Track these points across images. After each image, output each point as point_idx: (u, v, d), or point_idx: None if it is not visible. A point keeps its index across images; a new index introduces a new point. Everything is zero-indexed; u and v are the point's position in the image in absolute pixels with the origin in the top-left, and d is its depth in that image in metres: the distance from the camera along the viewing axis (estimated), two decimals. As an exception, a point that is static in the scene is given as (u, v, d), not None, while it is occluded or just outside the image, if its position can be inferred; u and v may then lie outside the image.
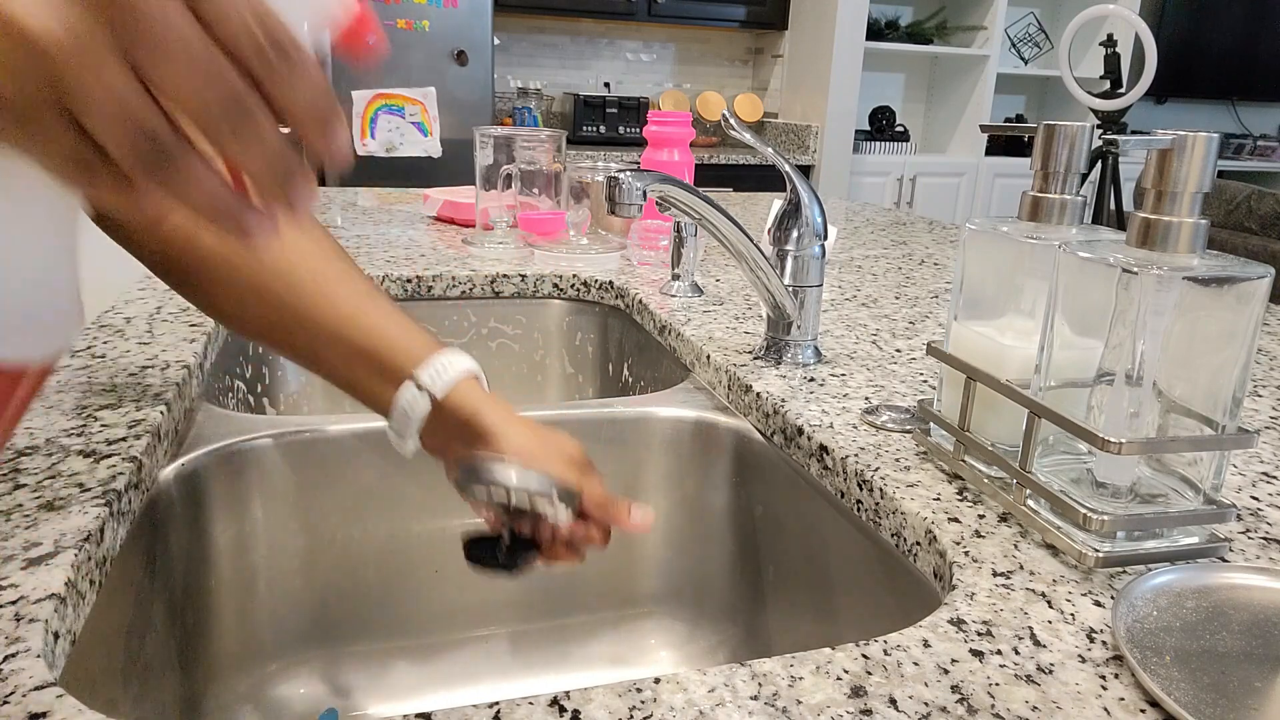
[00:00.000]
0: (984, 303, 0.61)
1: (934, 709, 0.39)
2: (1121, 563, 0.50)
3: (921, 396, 0.76)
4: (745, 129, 0.76)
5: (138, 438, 0.62)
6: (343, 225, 1.44)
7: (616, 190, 0.64)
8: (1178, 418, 0.50)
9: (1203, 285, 0.47)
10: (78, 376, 0.73)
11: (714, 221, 0.74)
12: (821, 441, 0.67)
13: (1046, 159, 0.57)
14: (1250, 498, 0.60)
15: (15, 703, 0.38)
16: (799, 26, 3.66)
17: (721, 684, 0.41)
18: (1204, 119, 4.68)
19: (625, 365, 1.14)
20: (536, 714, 0.38)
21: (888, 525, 0.59)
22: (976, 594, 0.48)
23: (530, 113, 3.50)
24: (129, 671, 0.55)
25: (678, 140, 1.28)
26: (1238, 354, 0.48)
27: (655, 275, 1.18)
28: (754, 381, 0.79)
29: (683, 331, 0.94)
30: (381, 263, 1.17)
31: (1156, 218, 0.48)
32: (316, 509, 0.76)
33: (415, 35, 2.87)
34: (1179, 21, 4.27)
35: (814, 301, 0.83)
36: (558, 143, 1.30)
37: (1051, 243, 0.55)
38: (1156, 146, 0.48)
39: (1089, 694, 0.40)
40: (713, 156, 3.36)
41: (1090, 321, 0.51)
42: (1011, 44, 4.04)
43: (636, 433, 0.84)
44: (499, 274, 1.15)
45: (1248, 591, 0.47)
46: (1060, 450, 0.54)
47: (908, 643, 0.44)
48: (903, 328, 0.98)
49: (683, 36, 3.84)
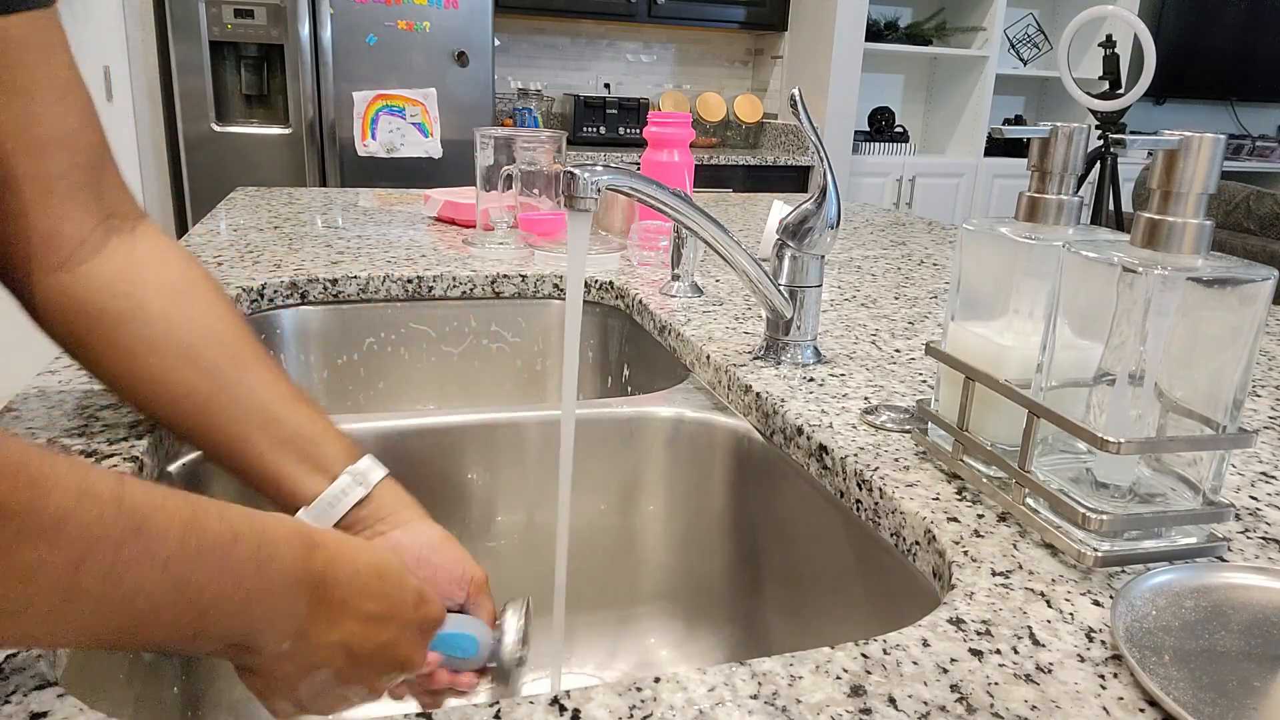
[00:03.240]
0: (981, 303, 0.61)
1: (933, 708, 0.39)
2: (1120, 562, 0.50)
3: (920, 396, 0.76)
4: (806, 116, 0.75)
5: (139, 437, 0.62)
6: (344, 225, 1.45)
7: (572, 184, 0.64)
8: (1177, 418, 0.50)
9: (1206, 286, 0.48)
10: (79, 377, 0.73)
11: (682, 212, 0.73)
12: (821, 441, 0.67)
13: (1043, 159, 0.57)
14: (1249, 498, 0.61)
15: (17, 702, 0.38)
16: (799, 28, 3.66)
17: (721, 683, 0.41)
18: (1203, 119, 4.68)
19: (625, 365, 1.14)
20: (537, 713, 0.38)
21: (887, 525, 0.59)
22: (975, 593, 0.48)
23: (531, 114, 3.51)
24: (130, 672, 0.55)
25: (677, 141, 1.28)
26: (1239, 355, 0.49)
27: (655, 275, 1.18)
28: (753, 381, 0.79)
29: (682, 332, 0.94)
30: (382, 263, 1.17)
31: (1161, 218, 0.48)
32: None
33: (416, 36, 2.87)
34: (1178, 22, 4.27)
35: (813, 302, 0.83)
36: (558, 143, 1.30)
37: (1049, 243, 0.55)
38: (1162, 147, 0.48)
39: (1088, 693, 0.41)
40: (712, 157, 3.36)
41: (1090, 321, 0.51)
42: (1010, 45, 4.04)
43: (636, 433, 0.84)
44: (499, 274, 1.15)
45: (1246, 591, 0.48)
46: (1059, 450, 0.54)
47: (907, 642, 0.44)
48: (902, 328, 0.98)
49: (683, 37, 3.84)
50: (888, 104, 4.08)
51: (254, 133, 2.84)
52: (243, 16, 2.73)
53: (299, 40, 2.75)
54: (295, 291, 1.07)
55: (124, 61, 2.84)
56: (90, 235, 0.56)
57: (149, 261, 0.58)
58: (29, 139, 0.53)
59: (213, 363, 0.57)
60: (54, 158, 0.54)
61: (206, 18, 2.70)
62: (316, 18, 2.76)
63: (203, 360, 0.57)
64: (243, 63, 2.82)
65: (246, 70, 2.82)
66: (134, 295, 0.57)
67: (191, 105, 2.76)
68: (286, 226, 1.42)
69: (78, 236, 0.56)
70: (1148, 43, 1.15)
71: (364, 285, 1.11)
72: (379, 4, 2.81)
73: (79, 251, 0.56)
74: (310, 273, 1.10)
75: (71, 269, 0.56)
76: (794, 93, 0.77)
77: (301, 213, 1.56)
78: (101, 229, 0.57)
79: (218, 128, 2.81)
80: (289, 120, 2.84)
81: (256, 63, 2.82)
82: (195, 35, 2.71)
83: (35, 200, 0.54)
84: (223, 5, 2.71)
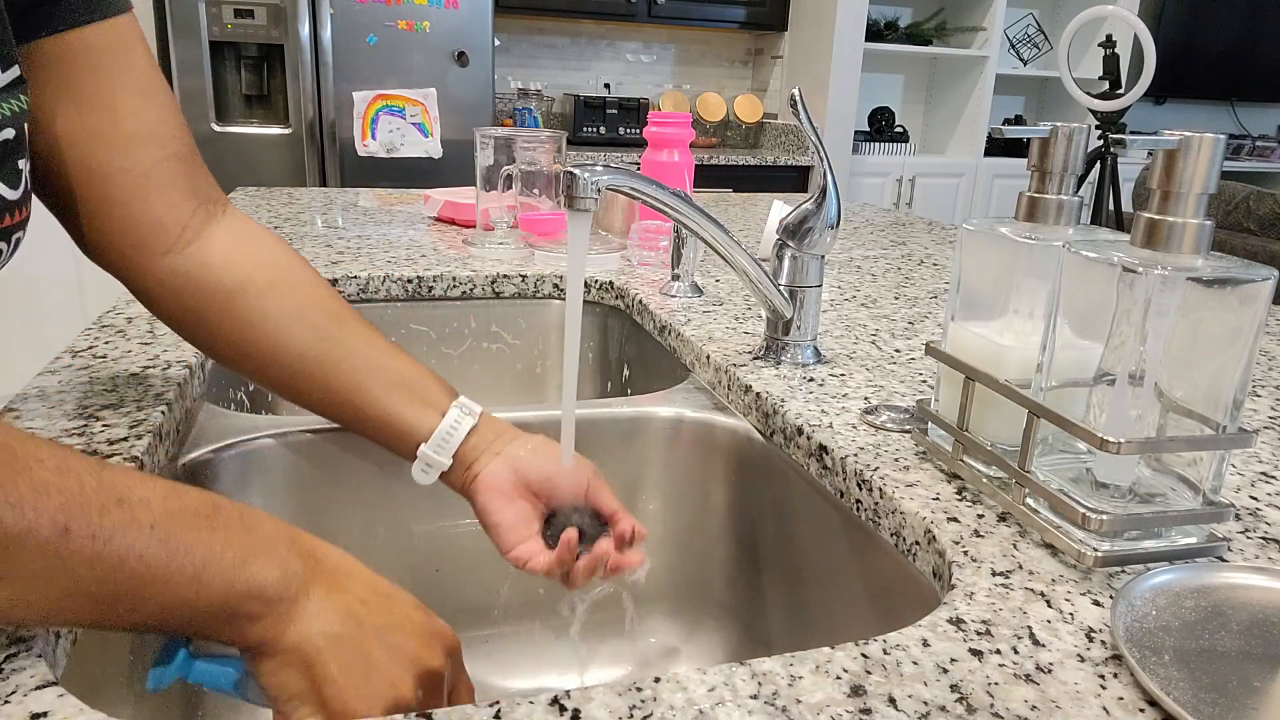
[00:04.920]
0: (981, 303, 0.61)
1: (933, 708, 0.39)
2: (1120, 562, 0.50)
3: (920, 396, 0.76)
4: (806, 116, 0.75)
5: (139, 438, 0.62)
6: (344, 226, 1.44)
7: (572, 184, 0.64)
8: (1177, 418, 0.50)
9: (1206, 286, 0.48)
10: (79, 377, 0.73)
11: (682, 212, 0.73)
12: (821, 441, 0.67)
13: (1043, 159, 0.57)
14: (1249, 497, 0.61)
15: (17, 702, 0.38)
16: (799, 28, 3.66)
17: (721, 683, 0.41)
18: (1203, 120, 4.68)
19: (625, 365, 1.14)
20: (537, 713, 0.38)
21: (887, 525, 0.59)
22: (975, 593, 0.48)
23: (531, 114, 3.50)
24: (130, 672, 0.55)
25: (677, 141, 1.28)
26: (1239, 355, 0.49)
27: (655, 275, 1.18)
28: (753, 381, 0.79)
29: (682, 332, 0.94)
30: (382, 263, 1.17)
31: (1161, 218, 0.48)
32: (317, 509, 0.76)
33: (416, 36, 2.87)
34: (1178, 22, 4.27)
35: (813, 302, 0.83)
36: (558, 143, 1.30)
37: (1049, 243, 0.55)
38: (1162, 147, 0.48)
39: (1088, 693, 0.41)
40: (713, 157, 3.36)
41: (1090, 321, 0.51)
42: (1010, 45, 4.04)
43: (636, 433, 0.84)
44: (499, 274, 1.15)
45: (1246, 591, 0.48)
46: (1059, 450, 0.54)
47: (907, 642, 0.44)
48: (902, 328, 0.98)
49: (683, 37, 3.84)
50: (888, 104, 4.08)
51: (254, 133, 2.84)
52: (243, 16, 2.73)
53: (299, 40, 2.75)
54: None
55: (124, 61, 2.84)
56: (191, 219, 0.61)
57: (247, 240, 0.64)
58: (119, 135, 0.57)
59: (319, 324, 0.63)
60: (145, 151, 0.58)
61: (206, 18, 2.70)
62: (316, 18, 2.76)
63: (310, 323, 0.63)
64: (243, 63, 2.82)
65: (246, 70, 2.82)
66: (241, 270, 0.62)
67: (191, 105, 2.76)
68: (286, 226, 1.42)
69: (181, 221, 0.60)
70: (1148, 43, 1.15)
71: (364, 285, 1.11)
72: (379, 4, 2.81)
73: (185, 234, 0.61)
74: (310, 273, 1.10)
75: (181, 250, 0.61)
76: (794, 93, 0.77)
77: (301, 213, 1.56)
78: (201, 213, 0.62)
79: (218, 128, 2.80)
80: (289, 120, 2.84)
81: (256, 63, 2.82)
82: (195, 35, 2.71)
83: (135, 191, 0.58)
84: (223, 5, 2.70)
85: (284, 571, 0.43)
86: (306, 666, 0.44)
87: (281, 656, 0.44)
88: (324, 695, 0.44)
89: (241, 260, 0.62)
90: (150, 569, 0.39)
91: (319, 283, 0.65)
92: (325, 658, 0.44)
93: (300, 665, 0.44)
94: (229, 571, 0.41)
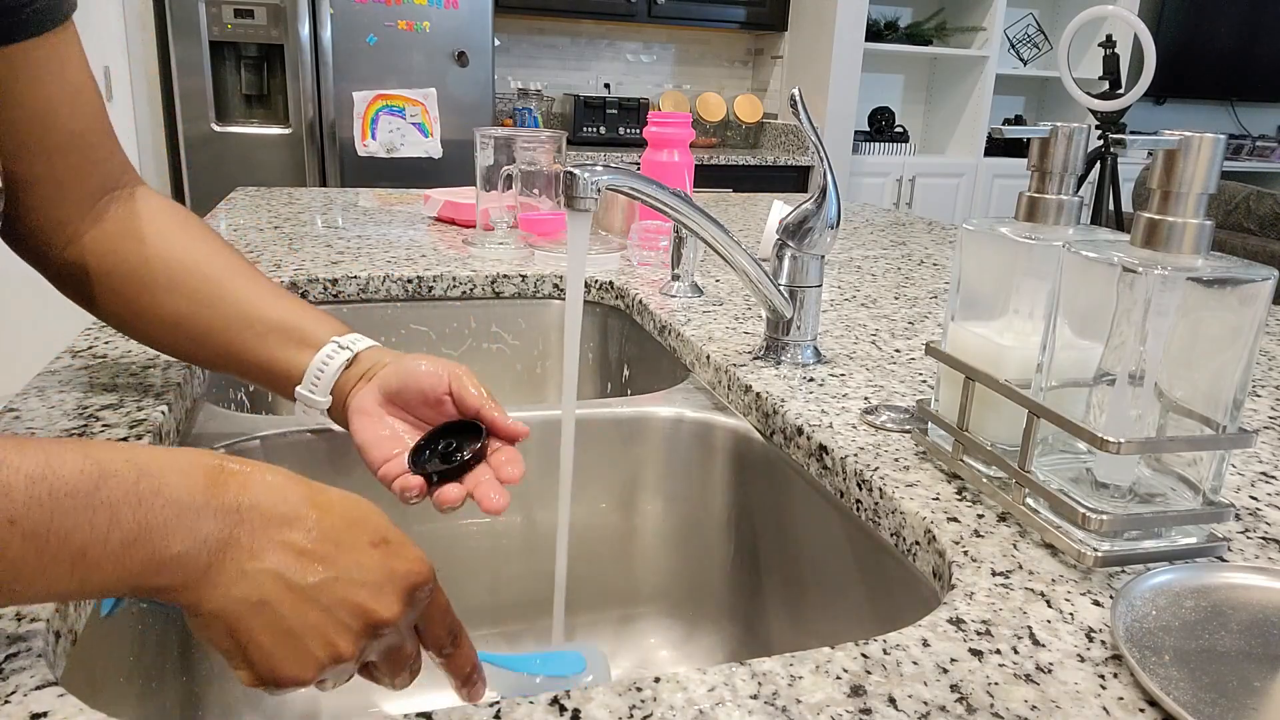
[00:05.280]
0: (981, 303, 0.61)
1: (933, 708, 0.39)
2: (1120, 562, 0.50)
3: (920, 396, 0.76)
4: (806, 116, 0.76)
5: (139, 437, 0.62)
6: (344, 226, 1.45)
7: (572, 184, 0.64)
8: (1177, 418, 0.50)
9: (1206, 286, 0.48)
10: (79, 376, 0.73)
11: (682, 212, 0.73)
12: (821, 441, 0.67)
13: (1043, 159, 0.57)
14: (1249, 497, 0.61)
15: (17, 702, 0.38)
16: (799, 28, 3.66)
17: (721, 683, 0.41)
18: (1203, 119, 4.68)
19: (625, 365, 1.14)
20: (537, 713, 0.38)
21: (887, 525, 0.59)
22: (975, 593, 0.48)
23: (531, 114, 3.51)
24: (130, 672, 0.55)
25: (677, 141, 1.28)
26: (1239, 355, 0.49)
27: (655, 275, 1.18)
28: (753, 381, 0.79)
29: (682, 332, 0.94)
30: (382, 263, 1.17)
31: (1161, 218, 0.48)
32: (317, 509, 0.76)
33: (416, 36, 2.87)
34: (1178, 22, 4.27)
35: (813, 302, 0.83)
36: (558, 143, 1.30)
37: (1049, 243, 0.55)
38: (1162, 147, 0.48)
39: (1088, 693, 0.41)
40: (713, 157, 3.36)
41: (1090, 321, 0.51)
42: (1010, 45, 4.04)
43: (636, 433, 0.84)
44: (499, 274, 1.15)
45: (1246, 591, 0.48)
46: (1059, 450, 0.54)
47: (907, 642, 0.44)
48: (902, 328, 0.98)
49: (683, 37, 3.84)
50: (888, 104, 4.08)
51: (254, 133, 2.84)
52: (243, 16, 2.73)
53: (299, 40, 2.75)
54: (295, 291, 1.07)
55: (124, 61, 2.84)
56: (91, 211, 0.65)
57: (143, 217, 0.66)
58: (45, 147, 0.61)
59: (194, 288, 0.65)
60: (65, 160, 0.62)
61: (206, 18, 2.70)
62: (316, 18, 2.76)
63: (186, 288, 0.65)
64: (243, 63, 2.82)
65: (246, 70, 2.82)
66: (128, 250, 0.65)
67: (191, 105, 2.76)
68: (286, 226, 1.42)
69: (81, 214, 0.64)
70: (1148, 43, 1.15)
71: (364, 285, 1.11)
72: (379, 4, 2.81)
73: (82, 225, 0.64)
74: (310, 273, 1.10)
75: (77, 240, 0.64)
76: (794, 93, 0.77)
77: (301, 213, 1.56)
78: (104, 201, 0.65)
79: (218, 128, 2.81)
80: (289, 120, 2.84)
81: (256, 63, 2.82)
82: (195, 35, 2.71)
83: (50, 198, 0.62)
84: (222, 5, 2.71)
85: (192, 540, 0.40)
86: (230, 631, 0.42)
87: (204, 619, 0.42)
88: (250, 658, 0.42)
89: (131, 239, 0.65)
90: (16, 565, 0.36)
91: (204, 243, 0.67)
92: (247, 623, 0.42)
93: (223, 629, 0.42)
94: (118, 552, 0.39)
